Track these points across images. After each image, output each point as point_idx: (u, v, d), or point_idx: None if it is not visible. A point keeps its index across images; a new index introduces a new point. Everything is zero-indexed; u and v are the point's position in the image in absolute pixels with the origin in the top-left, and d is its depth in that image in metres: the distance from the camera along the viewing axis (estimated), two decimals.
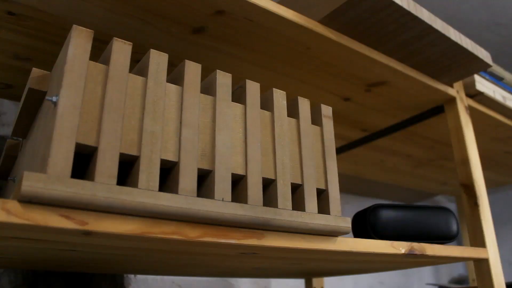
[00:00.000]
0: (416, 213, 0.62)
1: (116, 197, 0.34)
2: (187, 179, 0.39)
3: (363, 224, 0.59)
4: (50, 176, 0.31)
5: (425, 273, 1.70)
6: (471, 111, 0.84)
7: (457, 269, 1.82)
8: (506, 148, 1.10)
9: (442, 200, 1.93)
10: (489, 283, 0.69)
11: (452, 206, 1.93)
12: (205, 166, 0.41)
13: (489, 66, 0.76)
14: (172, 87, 0.42)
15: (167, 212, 0.37)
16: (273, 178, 0.46)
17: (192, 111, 0.42)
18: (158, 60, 0.41)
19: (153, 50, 0.41)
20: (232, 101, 0.46)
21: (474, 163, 0.76)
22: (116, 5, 0.52)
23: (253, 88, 0.48)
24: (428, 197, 1.84)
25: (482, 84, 0.85)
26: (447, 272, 1.79)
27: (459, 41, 0.69)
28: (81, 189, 0.32)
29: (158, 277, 0.97)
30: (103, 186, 0.33)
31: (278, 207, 0.44)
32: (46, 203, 0.32)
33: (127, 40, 0.40)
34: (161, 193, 0.36)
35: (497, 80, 0.90)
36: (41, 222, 0.31)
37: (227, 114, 0.44)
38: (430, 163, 1.22)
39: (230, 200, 0.41)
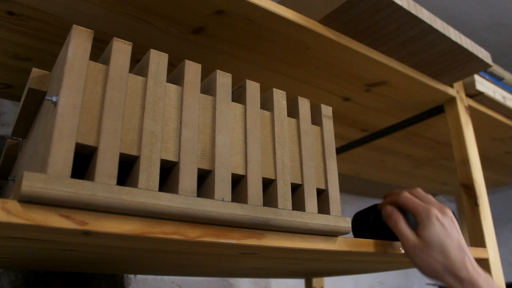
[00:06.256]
0: None
1: (116, 197, 0.34)
2: (187, 179, 0.39)
3: (363, 224, 0.59)
4: (50, 176, 0.31)
5: None
6: (471, 111, 0.84)
7: None
8: (506, 148, 1.10)
9: (442, 200, 1.93)
10: None
11: (452, 206, 1.93)
12: (205, 166, 0.41)
13: (489, 66, 0.76)
14: (172, 87, 0.42)
15: (167, 212, 0.37)
16: (273, 178, 0.46)
17: (192, 111, 0.42)
18: (158, 60, 0.41)
19: (153, 50, 0.41)
20: (232, 101, 0.46)
21: (474, 163, 0.76)
22: (116, 5, 0.52)
23: (253, 88, 0.48)
24: None
25: (482, 84, 0.85)
26: None
27: (459, 41, 0.69)
28: (81, 189, 0.32)
29: (158, 277, 0.97)
30: (103, 186, 0.33)
31: (278, 207, 0.44)
32: (46, 203, 0.32)
33: (127, 40, 0.40)
34: (161, 193, 0.36)
35: (497, 80, 0.90)
36: (41, 222, 0.31)
37: (227, 114, 0.44)
38: (430, 163, 1.22)
39: (230, 200, 0.41)
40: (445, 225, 0.49)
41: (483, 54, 0.74)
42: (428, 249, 0.48)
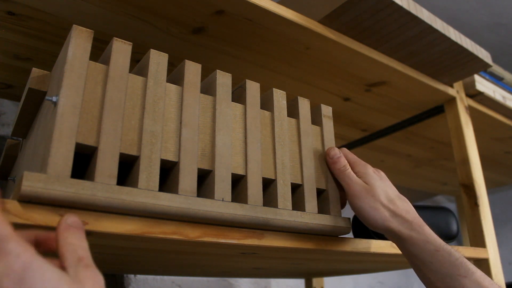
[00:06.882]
0: None
1: (116, 197, 0.34)
2: (187, 179, 0.39)
3: (363, 224, 0.59)
4: (50, 176, 0.31)
5: None
6: (471, 111, 0.84)
7: None
8: (506, 148, 1.10)
9: (442, 200, 1.93)
10: None
11: (452, 206, 1.93)
12: (205, 166, 0.41)
13: (489, 66, 0.76)
14: (172, 87, 0.42)
15: (167, 212, 0.37)
16: (273, 178, 0.46)
17: (192, 111, 0.42)
18: (158, 60, 0.41)
19: (153, 50, 0.41)
20: (232, 101, 0.46)
21: (474, 163, 0.76)
22: (116, 5, 0.52)
23: (253, 88, 0.48)
24: (428, 197, 1.84)
25: (482, 84, 0.85)
26: None
27: (459, 41, 0.69)
28: (81, 189, 0.32)
29: (158, 277, 0.97)
30: (103, 186, 0.33)
31: (278, 207, 0.44)
32: (46, 203, 0.32)
33: (127, 40, 0.40)
34: (161, 193, 0.36)
35: (497, 80, 0.90)
36: (41, 222, 0.31)
37: (227, 114, 0.44)
38: (430, 163, 1.22)
39: (230, 200, 0.41)
40: (382, 178, 0.49)
41: (483, 54, 0.74)
42: (375, 193, 0.47)
